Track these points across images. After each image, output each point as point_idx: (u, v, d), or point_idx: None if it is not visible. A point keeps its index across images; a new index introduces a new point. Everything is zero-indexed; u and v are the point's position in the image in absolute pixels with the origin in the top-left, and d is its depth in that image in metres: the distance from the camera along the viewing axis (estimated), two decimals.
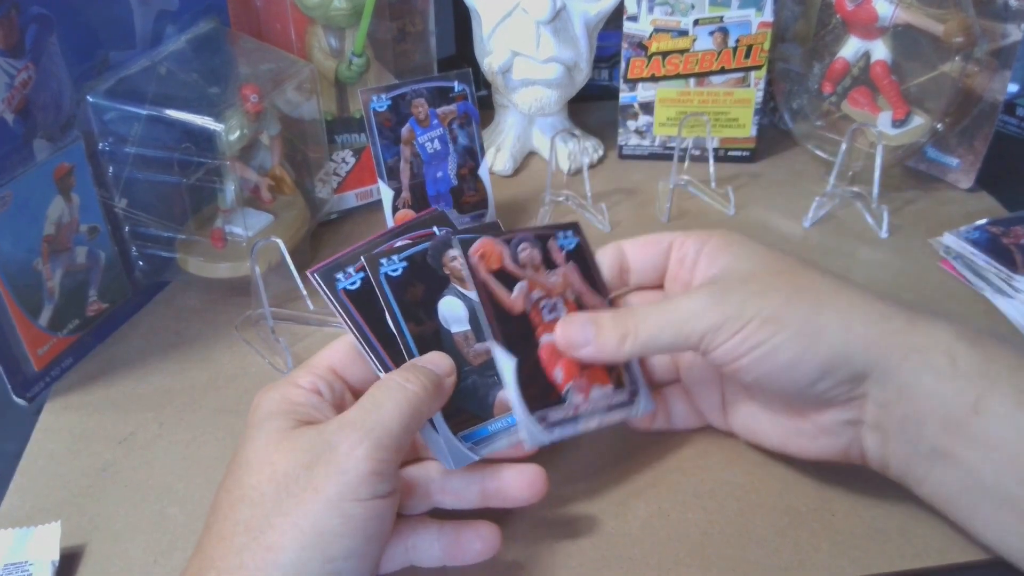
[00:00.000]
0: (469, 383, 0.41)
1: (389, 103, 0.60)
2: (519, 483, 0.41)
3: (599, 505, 0.45)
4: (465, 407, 0.41)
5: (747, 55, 0.72)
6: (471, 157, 0.64)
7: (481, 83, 0.80)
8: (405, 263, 0.42)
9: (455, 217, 0.64)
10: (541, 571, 0.42)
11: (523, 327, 0.42)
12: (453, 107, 0.63)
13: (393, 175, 0.62)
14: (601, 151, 0.80)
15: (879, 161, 0.66)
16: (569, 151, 0.77)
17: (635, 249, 0.46)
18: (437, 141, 0.62)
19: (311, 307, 0.57)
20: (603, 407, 0.43)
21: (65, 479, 0.48)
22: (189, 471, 0.48)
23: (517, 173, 0.78)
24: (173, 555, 0.43)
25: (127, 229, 0.58)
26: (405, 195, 0.62)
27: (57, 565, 0.42)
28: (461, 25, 0.84)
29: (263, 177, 0.61)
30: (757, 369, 0.39)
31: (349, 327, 0.41)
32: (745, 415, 0.45)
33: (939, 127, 0.69)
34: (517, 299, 0.42)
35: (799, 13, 0.76)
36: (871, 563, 0.42)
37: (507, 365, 0.41)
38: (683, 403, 0.48)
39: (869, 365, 0.39)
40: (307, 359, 0.42)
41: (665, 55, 0.73)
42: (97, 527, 0.45)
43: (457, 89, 0.62)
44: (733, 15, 0.71)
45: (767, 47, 0.72)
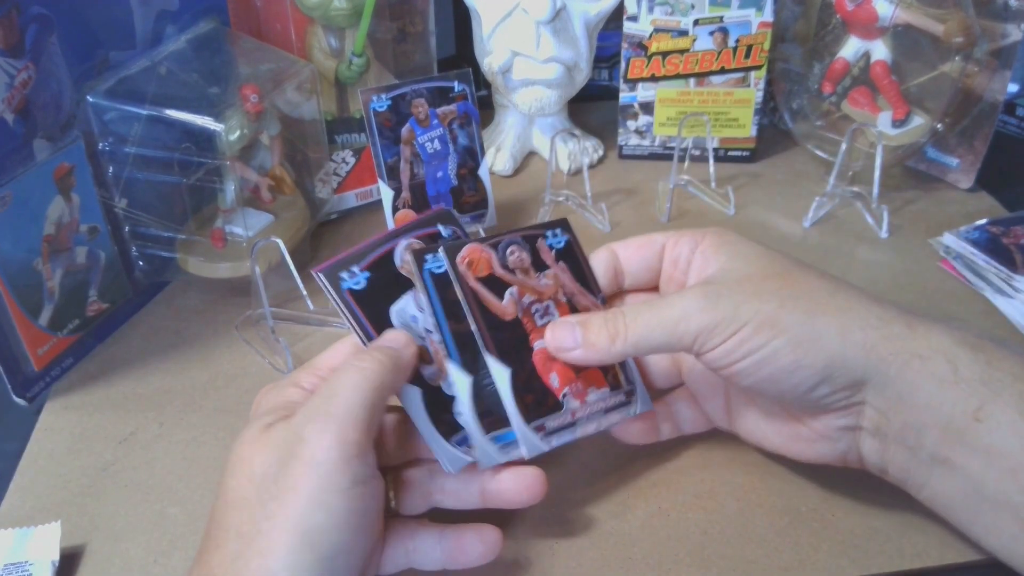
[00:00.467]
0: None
1: (389, 103, 0.60)
2: (518, 485, 0.41)
3: (599, 505, 0.45)
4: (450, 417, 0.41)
5: (747, 55, 0.72)
6: (471, 157, 0.64)
7: (481, 83, 0.80)
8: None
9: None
10: (541, 571, 0.42)
11: (515, 334, 0.42)
12: (453, 107, 0.63)
13: (393, 175, 0.62)
14: (601, 151, 0.80)
15: (879, 161, 0.66)
16: (569, 151, 0.77)
17: (628, 251, 0.46)
18: (437, 141, 0.62)
19: (311, 307, 0.57)
20: (601, 410, 0.43)
21: (65, 479, 0.48)
22: (189, 471, 0.48)
23: (517, 173, 0.78)
24: (173, 555, 0.43)
25: (127, 229, 0.58)
26: (405, 195, 0.62)
27: (57, 565, 0.42)
28: (461, 25, 0.84)
29: (263, 177, 0.61)
30: (753, 374, 0.39)
31: (354, 328, 0.40)
32: (747, 418, 0.45)
33: (939, 127, 0.69)
34: (508, 305, 0.42)
35: (799, 13, 0.76)
36: (871, 563, 0.42)
37: (501, 375, 0.40)
38: (689, 408, 0.47)
39: (868, 371, 0.38)
40: (308, 360, 0.42)
41: (665, 55, 0.73)
42: (97, 527, 0.45)
43: (457, 89, 0.62)
44: (733, 15, 0.71)
45: (767, 47, 0.72)
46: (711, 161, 0.71)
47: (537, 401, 0.41)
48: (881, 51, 0.69)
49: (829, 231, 0.69)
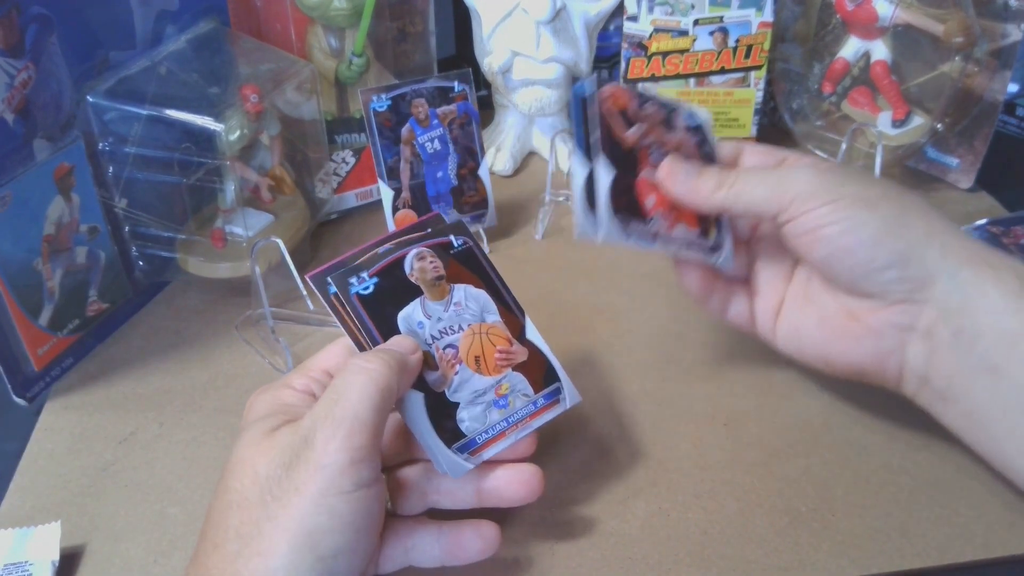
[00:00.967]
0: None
1: (389, 103, 0.60)
2: (515, 482, 0.41)
3: (599, 505, 0.45)
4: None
5: (747, 55, 0.72)
6: (471, 157, 0.64)
7: (481, 83, 0.80)
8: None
9: (455, 217, 0.64)
10: (541, 571, 0.42)
11: (629, 158, 0.44)
12: (453, 107, 0.63)
13: (393, 175, 0.62)
14: None
15: (879, 161, 0.66)
16: (569, 151, 0.77)
17: (753, 152, 0.48)
18: (437, 141, 0.63)
19: (311, 307, 0.57)
20: (684, 242, 0.45)
21: (65, 479, 0.48)
22: (189, 471, 0.48)
23: (517, 173, 0.78)
24: (173, 555, 0.43)
25: (127, 229, 0.58)
26: (405, 195, 0.62)
27: (57, 565, 0.42)
28: (461, 25, 0.84)
29: (263, 177, 0.61)
30: (834, 243, 0.41)
31: (353, 332, 0.40)
32: (795, 315, 0.46)
33: (939, 127, 0.69)
34: (632, 134, 0.44)
35: (799, 13, 0.76)
36: (871, 563, 0.42)
37: (606, 172, 0.43)
38: (743, 300, 0.49)
39: (941, 269, 0.40)
40: (304, 361, 0.42)
41: (665, 55, 0.73)
42: (97, 527, 0.45)
43: (457, 89, 0.63)
44: (733, 15, 0.71)
45: (767, 47, 0.72)
46: None
47: (629, 205, 0.44)
48: (881, 51, 0.69)
49: None
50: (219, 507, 0.36)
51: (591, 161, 0.43)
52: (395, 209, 0.63)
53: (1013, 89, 0.80)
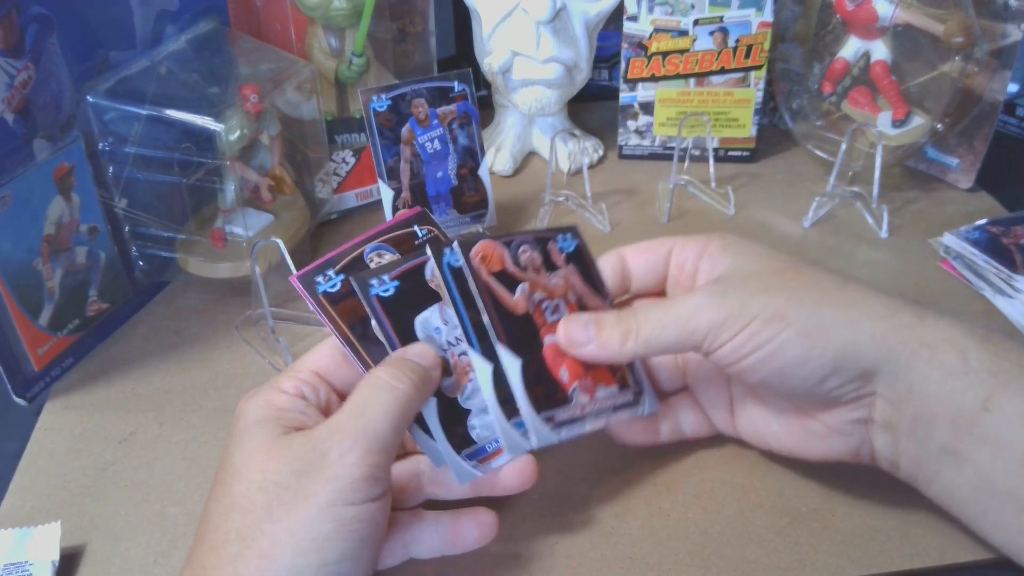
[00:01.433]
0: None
1: (389, 103, 0.60)
2: (509, 471, 0.41)
3: (600, 505, 0.45)
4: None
5: (747, 55, 0.72)
6: (471, 157, 0.64)
7: (481, 83, 0.80)
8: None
9: (455, 217, 0.64)
10: (541, 570, 0.42)
11: (526, 328, 0.42)
12: (453, 107, 0.63)
13: (393, 175, 0.62)
14: (601, 151, 0.80)
15: (879, 161, 0.66)
16: (569, 151, 0.77)
17: (635, 256, 0.46)
18: (437, 141, 0.63)
19: (311, 307, 0.57)
20: (609, 407, 0.43)
21: (65, 479, 0.48)
22: (189, 471, 0.48)
23: (517, 173, 0.78)
24: (173, 555, 0.43)
25: (127, 229, 0.58)
26: (405, 195, 0.62)
27: (57, 565, 0.42)
28: (461, 25, 0.84)
29: (263, 177, 0.61)
30: (763, 368, 0.39)
31: (338, 331, 0.40)
32: (754, 419, 0.45)
33: (939, 127, 0.69)
34: (519, 300, 0.42)
35: (799, 13, 0.76)
36: (871, 563, 0.42)
37: (512, 365, 0.41)
38: (691, 411, 0.47)
39: (878, 362, 0.38)
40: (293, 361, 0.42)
41: (665, 55, 0.73)
42: (97, 527, 0.45)
43: (457, 89, 0.62)
44: (733, 15, 0.71)
45: (767, 47, 0.72)
46: (711, 161, 0.71)
47: (547, 393, 0.41)
48: (881, 51, 0.69)
49: (829, 231, 0.69)
50: (219, 510, 0.36)
51: (491, 353, 0.40)
52: (395, 209, 0.63)
53: (1013, 89, 0.80)
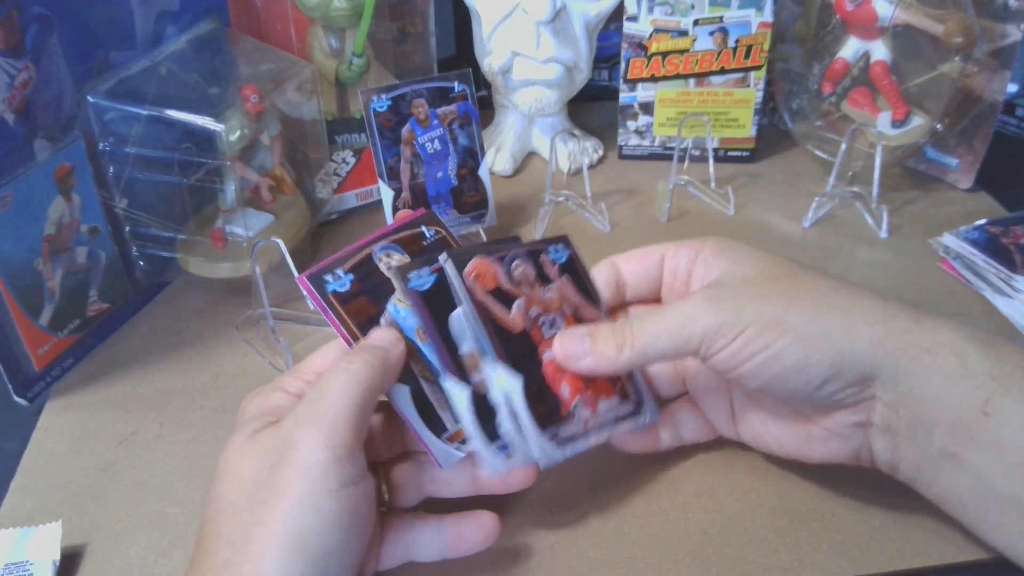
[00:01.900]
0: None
1: (389, 103, 0.60)
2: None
3: (599, 505, 0.45)
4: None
5: (747, 55, 0.72)
6: (471, 157, 0.64)
7: (481, 83, 0.80)
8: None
9: (455, 217, 0.64)
10: (541, 570, 0.42)
11: (524, 345, 0.41)
12: (453, 107, 0.63)
13: (393, 175, 0.62)
14: (601, 151, 0.80)
15: (879, 161, 0.66)
16: (569, 151, 0.77)
17: (629, 263, 0.46)
18: (437, 141, 0.63)
19: (311, 307, 0.57)
20: (611, 419, 0.43)
21: (66, 479, 0.48)
22: (189, 471, 0.48)
23: (517, 173, 0.78)
24: (173, 555, 0.43)
25: (127, 229, 0.58)
26: (405, 195, 0.62)
27: (58, 565, 0.42)
28: (461, 25, 0.84)
29: (263, 177, 0.61)
30: (761, 374, 0.39)
31: (347, 331, 0.40)
32: (754, 423, 0.44)
33: (939, 127, 0.69)
34: (516, 317, 0.41)
35: (799, 13, 0.76)
36: (871, 563, 0.42)
37: (514, 385, 0.40)
38: (692, 416, 0.47)
39: (877, 366, 0.38)
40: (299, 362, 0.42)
41: (665, 55, 0.73)
42: (98, 527, 0.45)
43: (457, 89, 0.62)
44: (733, 15, 0.71)
45: (767, 47, 0.72)
46: (711, 161, 0.71)
47: (549, 411, 0.41)
48: (881, 51, 0.69)
49: (829, 231, 0.69)
50: (211, 514, 0.36)
51: (466, 376, 0.40)
52: (395, 209, 0.63)
53: (1013, 89, 0.80)
